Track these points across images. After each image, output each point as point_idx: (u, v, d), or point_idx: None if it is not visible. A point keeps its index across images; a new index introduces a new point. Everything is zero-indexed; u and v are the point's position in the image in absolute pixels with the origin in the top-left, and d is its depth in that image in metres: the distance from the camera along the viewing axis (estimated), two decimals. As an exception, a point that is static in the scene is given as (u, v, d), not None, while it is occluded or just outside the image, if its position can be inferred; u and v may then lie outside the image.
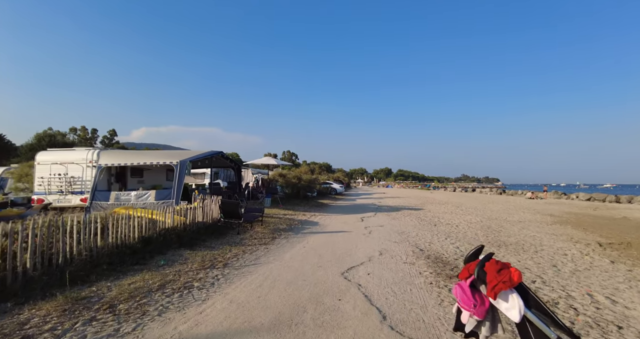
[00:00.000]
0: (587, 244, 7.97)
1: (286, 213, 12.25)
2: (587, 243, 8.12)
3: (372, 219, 11.68)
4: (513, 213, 15.79)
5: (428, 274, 4.78)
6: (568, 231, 10.10)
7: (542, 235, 9.22)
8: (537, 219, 13.42)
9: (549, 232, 9.90)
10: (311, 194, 22.14)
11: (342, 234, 8.13)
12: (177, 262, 4.96)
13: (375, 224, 10.28)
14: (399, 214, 14.11)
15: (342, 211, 15.03)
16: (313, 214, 12.88)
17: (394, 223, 10.79)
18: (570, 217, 14.07)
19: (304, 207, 15.14)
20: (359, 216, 12.56)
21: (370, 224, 10.38)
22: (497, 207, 18.92)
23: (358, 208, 16.70)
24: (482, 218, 13.32)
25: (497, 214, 14.98)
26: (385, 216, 12.91)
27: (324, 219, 11.40)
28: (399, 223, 10.83)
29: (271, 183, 16.64)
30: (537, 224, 11.66)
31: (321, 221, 10.65)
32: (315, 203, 17.42)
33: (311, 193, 22.20)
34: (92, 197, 9.82)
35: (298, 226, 9.40)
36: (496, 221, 12.59)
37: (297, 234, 8.05)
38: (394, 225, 10.31)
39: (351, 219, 11.65)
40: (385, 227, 9.77)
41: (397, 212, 14.98)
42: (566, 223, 12.19)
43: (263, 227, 8.45)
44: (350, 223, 10.42)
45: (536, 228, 10.62)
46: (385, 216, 13.15)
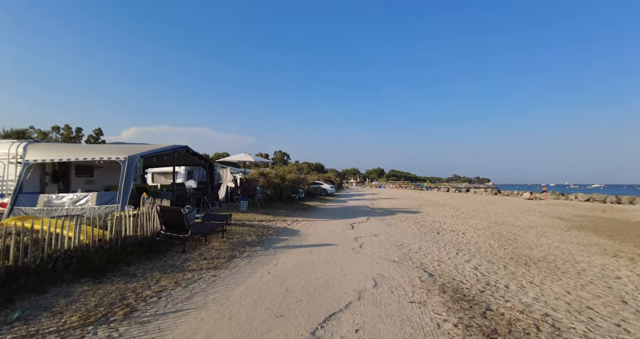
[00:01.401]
0: (631, 259, 6.34)
1: (263, 219, 10.40)
2: (631, 258, 6.49)
3: (364, 226, 9.91)
4: (519, 216, 14.24)
5: (451, 327, 3.02)
6: (593, 240, 8.51)
7: (566, 245, 7.60)
8: (548, 223, 11.86)
9: (572, 240, 8.29)
10: (298, 196, 20.33)
11: (326, 250, 6.33)
12: (48, 311, 3.08)
13: (367, 233, 8.52)
14: (394, 218, 12.39)
15: (330, 215, 13.24)
16: (295, 219, 11.05)
17: (389, 231, 9.04)
18: (583, 221, 12.55)
19: (287, 211, 13.30)
20: (349, 222, 10.78)
21: (361, 232, 8.61)
22: (499, 210, 17.39)
23: (348, 212, 14.94)
24: (488, 223, 11.69)
25: (502, 218, 13.39)
26: (379, 222, 11.16)
27: (307, 226, 9.58)
28: (395, 231, 9.09)
29: (250, 184, 14.74)
30: (552, 230, 10.07)
31: (303, 230, 8.84)
32: (301, 206, 15.58)
33: (298, 194, 20.39)
34: (14, 201, 7.84)
35: (272, 237, 7.57)
36: (505, 226, 10.97)
37: (267, 249, 6.22)
38: (390, 234, 8.56)
39: (339, 226, 9.85)
40: (379, 237, 8.01)
41: (392, 216, 13.26)
42: (584, 229, 10.64)
43: (223, 241, 6.60)
44: (338, 232, 8.64)
45: (554, 235, 9.01)
46: (379, 221, 11.40)
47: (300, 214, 12.77)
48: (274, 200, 14.36)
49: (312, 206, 16.60)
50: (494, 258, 6.08)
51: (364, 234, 8.34)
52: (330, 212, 14.18)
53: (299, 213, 12.89)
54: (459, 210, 16.80)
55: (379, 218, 12.27)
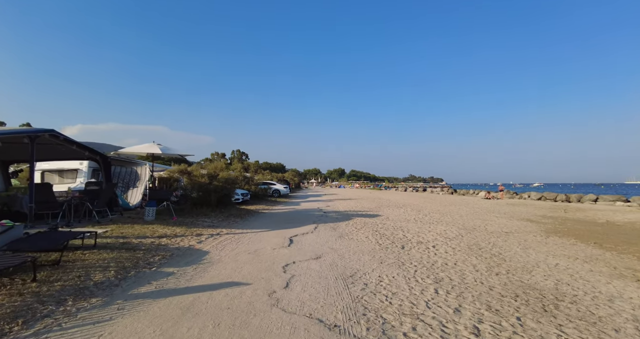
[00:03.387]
0: (665, 286, 4.53)
1: (167, 233, 7.49)
2: (661, 282, 4.70)
3: (308, 240, 7.42)
4: (486, 219, 12.73)
5: None
6: (586, 251, 6.84)
7: (566, 262, 5.77)
8: (521, 227, 10.31)
9: (564, 253, 6.53)
10: (243, 198, 17.41)
11: (219, 300, 3.65)
12: None
13: (307, 254, 6.02)
14: (349, 225, 10.09)
15: (270, 222, 10.60)
16: (217, 232, 8.27)
17: (340, 247, 6.65)
18: (555, 224, 11.26)
19: (214, 219, 10.41)
20: (290, 234, 8.24)
21: (299, 253, 6.09)
22: (463, 211, 15.96)
23: (296, 217, 12.41)
24: (457, 229, 9.84)
25: (470, 221, 11.72)
26: (330, 231, 8.76)
27: (226, 244, 6.85)
28: (347, 247, 6.71)
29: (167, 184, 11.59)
30: (531, 237, 8.40)
31: (215, 251, 6.10)
32: (237, 212, 12.73)
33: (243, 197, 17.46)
34: None
35: (149, 269, 4.72)
36: (477, 233, 9.15)
37: (103, 308, 3.37)
38: (340, 253, 6.15)
39: (273, 240, 7.26)
40: (323, 261, 5.55)
41: (347, 221, 10.97)
42: (562, 234, 9.17)
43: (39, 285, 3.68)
44: (265, 253, 6.04)
45: (540, 246, 7.25)
46: (329, 230, 9.00)
47: (231, 223, 9.96)
48: (201, 205, 11.37)
49: (253, 211, 13.80)
50: (492, 299, 3.88)
51: (301, 256, 5.82)
52: (273, 219, 11.53)
53: (228, 222, 10.07)
54: (421, 212, 15.06)
55: (330, 226, 9.87)
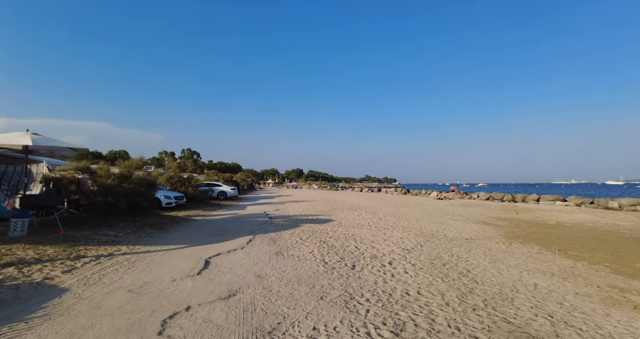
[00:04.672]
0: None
1: (27, 256, 5.28)
2: (664, 310, 3.75)
3: (230, 263, 5.67)
4: (443, 222, 11.93)
5: None
6: (555, 261, 5.98)
7: (544, 281, 4.72)
8: (480, 232, 9.53)
9: (536, 267, 5.57)
10: (177, 202, 15.01)
11: None
12: None
13: (215, 292, 4.27)
14: (294, 234, 8.51)
15: (194, 234, 8.65)
16: (114, 250, 6.20)
17: (270, 275, 5.02)
18: (511, 227, 10.72)
19: (120, 231, 8.17)
20: (211, 252, 6.44)
21: (205, 289, 4.28)
22: (417, 213, 15.21)
23: (233, 225, 10.54)
24: (415, 236, 8.74)
25: (427, 226, 10.78)
26: (267, 246, 7.10)
27: (107, 272, 4.86)
28: (281, 273, 5.10)
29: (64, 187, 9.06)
30: (494, 245, 7.51)
31: (76, 288, 4.12)
32: (159, 220, 10.49)
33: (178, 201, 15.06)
34: None
35: None
36: (437, 241, 8.10)
37: None
38: (267, 285, 4.50)
39: (179, 266, 5.40)
40: (234, 306, 3.82)
41: (294, 230, 9.38)
42: (523, 239, 8.48)
43: None
44: (153, 292, 4.19)
45: (507, 257, 6.28)
46: (266, 244, 7.33)
47: (140, 237, 7.84)
48: (108, 212, 9.00)
49: (182, 219, 11.62)
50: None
51: (207, 293, 4.04)
52: (202, 229, 9.53)
53: (138, 235, 7.93)
54: (376, 215, 13.98)
55: (270, 237, 8.19)
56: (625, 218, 12.82)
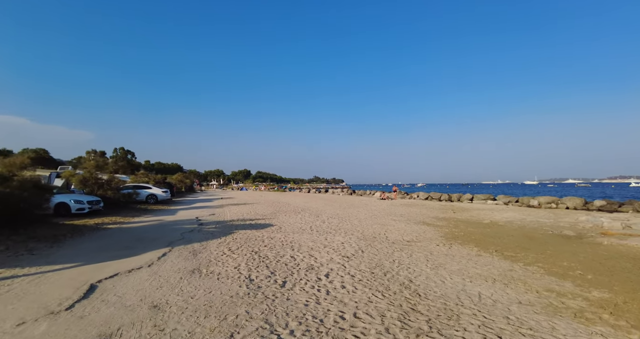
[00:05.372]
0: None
1: None
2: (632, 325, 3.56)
3: (123, 289, 4.45)
4: (385, 223, 11.73)
5: None
6: (496, 264, 5.83)
7: (487, 290, 4.39)
8: (420, 233, 9.40)
9: (481, 273, 5.31)
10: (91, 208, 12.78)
11: None
12: None
13: None
14: (222, 244, 7.42)
15: (96, 247, 7.12)
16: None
17: (170, 303, 3.98)
18: (450, 227, 10.85)
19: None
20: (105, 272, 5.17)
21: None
22: (361, 214, 14.96)
23: (150, 235, 9.06)
24: (357, 239, 8.23)
25: (370, 228, 10.42)
26: (183, 261, 5.98)
27: None
28: (186, 302, 4.10)
29: None
30: (434, 247, 7.28)
31: None
32: (54, 230, 8.56)
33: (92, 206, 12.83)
34: None
35: None
36: (379, 244, 7.67)
37: None
38: (158, 323, 3.44)
39: (46, 297, 4.03)
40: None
41: (224, 238, 8.26)
42: (462, 240, 8.46)
43: None
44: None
45: (448, 261, 5.99)
46: (183, 259, 6.19)
47: (16, 254, 6.11)
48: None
49: (89, 227, 9.71)
50: None
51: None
52: (109, 240, 7.92)
53: (13, 252, 6.17)
54: (320, 217, 13.36)
55: (192, 249, 6.99)
56: (545, 215, 13.92)
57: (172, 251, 6.65)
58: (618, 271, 5.52)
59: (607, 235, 8.95)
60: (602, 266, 5.78)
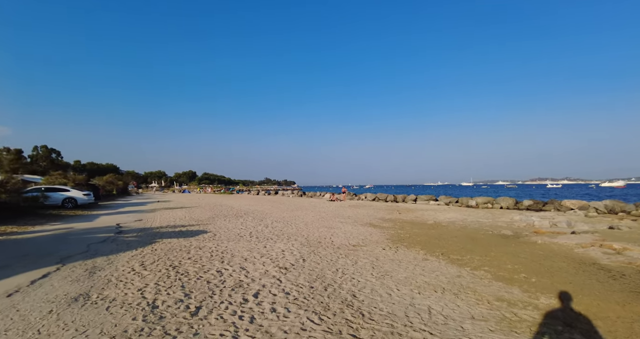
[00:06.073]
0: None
1: None
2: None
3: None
4: (332, 225, 11.16)
5: None
6: (443, 270, 5.47)
7: (437, 303, 3.90)
8: (367, 235, 8.96)
9: (428, 281, 4.85)
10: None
11: None
12: None
13: None
14: (136, 257, 6.13)
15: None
16: None
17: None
18: (396, 229, 10.63)
19: None
20: None
21: None
22: (309, 217, 14.26)
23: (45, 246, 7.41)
24: (300, 245, 7.47)
25: (315, 231, 9.75)
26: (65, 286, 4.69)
27: None
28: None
29: None
30: (382, 252, 6.81)
31: None
32: None
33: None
34: None
35: None
36: (323, 250, 6.99)
37: None
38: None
39: None
40: None
41: (141, 249, 6.92)
42: (407, 243, 8.17)
43: None
44: None
45: (395, 266, 5.49)
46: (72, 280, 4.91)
47: None
48: None
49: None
50: None
51: None
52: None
53: None
54: (264, 221, 12.35)
55: (93, 264, 5.60)
56: (484, 215, 14.53)
57: (59, 270, 5.21)
58: (556, 271, 5.47)
59: (539, 234, 9.32)
60: (541, 267, 5.72)
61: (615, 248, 7.09)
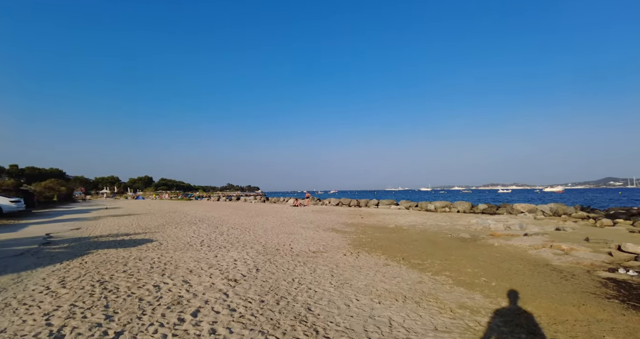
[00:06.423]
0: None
1: None
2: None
3: None
4: (293, 231, 10.68)
5: None
6: (405, 275, 5.24)
7: (398, 314, 3.61)
8: (328, 241, 8.61)
9: (389, 289, 4.56)
10: None
11: None
12: None
13: None
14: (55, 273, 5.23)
15: None
16: None
17: None
18: (358, 233, 10.41)
19: None
20: None
21: None
22: (269, 223, 13.63)
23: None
24: (256, 253, 6.89)
25: (275, 238, 9.21)
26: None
27: None
28: None
29: None
30: (342, 258, 6.48)
31: None
32: None
33: None
34: None
35: None
36: (281, 257, 6.50)
37: None
38: None
39: None
40: None
41: (67, 263, 5.96)
42: (369, 247, 7.94)
43: None
44: None
45: (355, 273, 5.16)
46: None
47: None
48: None
49: None
50: None
51: None
52: None
53: None
54: (219, 228, 11.54)
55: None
56: (443, 219, 14.84)
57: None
58: (514, 274, 5.45)
59: (495, 236, 9.54)
60: (500, 270, 5.68)
61: (563, 249, 7.35)
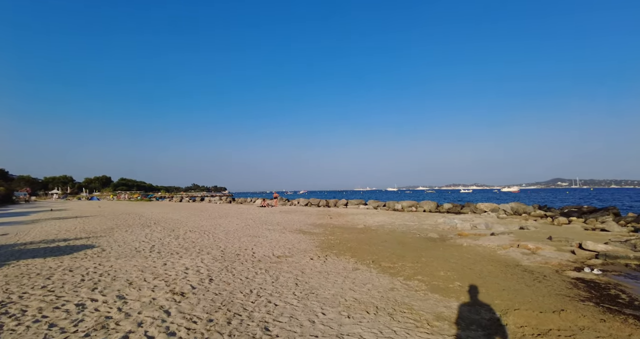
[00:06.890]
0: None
1: None
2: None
3: None
4: (257, 234, 10.00)
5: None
6: (376, 281, 4.82)
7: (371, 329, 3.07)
8: (295, 244, 8.07)
9: (359, 298, 4.10)
10: None
11: None
12: None
13: None
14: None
15: None
16: None
17: None
18: (326, 234, 9.97)
19: None
20: None
21: None
22: (232, 225, 12.79)
23: None
24: (212, 260, 6.17)
25: (236, 241, 8.50)
26: None
27: None
28: None
29: None
30: (309, 262, 5.98)
31: None
32: None
33: None
34: None
35: None
36: (240, 264, 5.89)
37: None
38: None
39: None
40: None
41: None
42: (338, 250, 7.51)
43: None
44: None
45: (322, 280, 4.66)
46: None
47: None
48: None
49: None
50: None
51: None
52: None
53: None
54: (175, 232, 10.54)
55: None
56: (410, 218, 14.79)
57: None
58: (487, 276, 5.22)
59: (463, 236, 9.48)
60: (473, 273, 5.43)
61: (530, 248, 7.33)
